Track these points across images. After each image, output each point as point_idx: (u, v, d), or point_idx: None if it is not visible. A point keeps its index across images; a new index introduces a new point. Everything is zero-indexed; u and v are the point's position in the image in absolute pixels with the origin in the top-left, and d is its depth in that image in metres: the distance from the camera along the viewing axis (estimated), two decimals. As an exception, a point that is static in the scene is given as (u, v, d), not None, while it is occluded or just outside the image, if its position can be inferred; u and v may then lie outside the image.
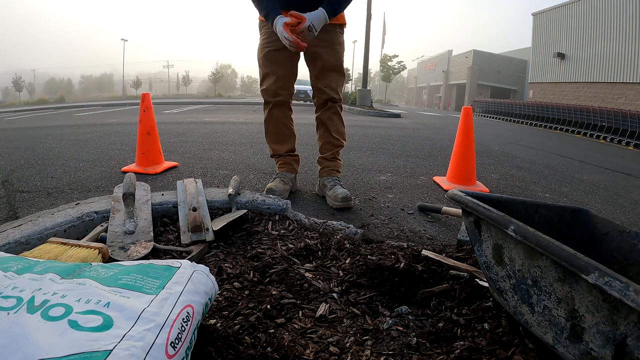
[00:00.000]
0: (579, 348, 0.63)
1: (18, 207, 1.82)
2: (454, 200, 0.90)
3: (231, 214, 1.36)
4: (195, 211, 1.29)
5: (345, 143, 2.10)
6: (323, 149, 2.07)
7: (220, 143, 3.94)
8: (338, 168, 2.09)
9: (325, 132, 2.03)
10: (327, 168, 2.06)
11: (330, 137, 2.03)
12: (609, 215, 2.31)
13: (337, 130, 2.03)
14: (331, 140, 2.04)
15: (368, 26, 13.53)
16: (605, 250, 0.94)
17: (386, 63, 33.95)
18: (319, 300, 0.91)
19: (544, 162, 4.33)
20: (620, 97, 14.15)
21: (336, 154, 2.07)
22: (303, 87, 16.28)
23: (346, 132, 2.10)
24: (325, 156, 2.06)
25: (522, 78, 28.61)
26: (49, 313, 0.53)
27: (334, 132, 2.02)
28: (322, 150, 2.08)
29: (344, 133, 2.07)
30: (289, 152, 2.06)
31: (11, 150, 3.35)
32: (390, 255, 1.16)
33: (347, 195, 1.89)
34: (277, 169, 2.08)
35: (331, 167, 2.06)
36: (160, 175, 2.55)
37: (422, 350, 0.76)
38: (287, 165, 2.06)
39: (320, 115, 2.01)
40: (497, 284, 0.83)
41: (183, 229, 1.23)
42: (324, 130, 2.04)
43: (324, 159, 2.08)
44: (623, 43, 14.11)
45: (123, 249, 1.08)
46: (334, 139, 2.03)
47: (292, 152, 2.08)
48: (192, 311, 0.62)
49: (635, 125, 9.43)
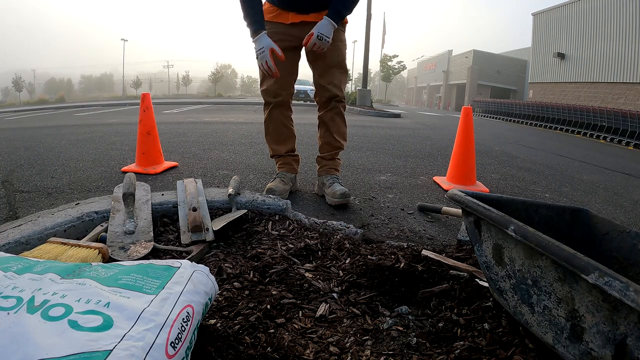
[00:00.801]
0: (579, 348, 0.63)
1: (18, 207, 1.82)
2: (454, 200, 0.90)
3: (231, 214, 1.36)
4: (195, 211, 1.28)
5: (345, 144, 2.09)
6: (322, 149, 2.07)
7: (220, 143, 3.94)
8: (337, 167, 2.09)
9: (326, 132, 2.02)
10: (325, 167, 2.06)
11: (330, 138, 2.02)
12: (609, 215, 2.31)
13: (338, 131, 2.02)
14: (331, 141, 2.03)
15: (368, 26, 13.53)
16: (605, 250, 0.94)
17: (386, 63, 33.94)
18: (319, 300, 0.91)
19: (544, 162, 4.33)
20: (620, 97, 14.15)
21: (335, 154, 2.06)
22: (303, 87, 16.28)
23: (347, 133, 2.10)
24: (324, 156, 2.06)
25: (522, 78, 28.61)
26: (49, 313, 0.53)
27: (335, 133, 2.01)
28: (322, 149, 2.08)
29: (345, 134, 2.06)
30: (288, 152, 2.06)
31: (11, 150, 3.35)
32: (390, 255, 1.16)
33: (345, 192, 1.89)
34: (277, 169, 2.08)
35: (330, 165, 2.06)
36: (160, 175, 2.55)
37: (422, 350, 0.76)
38: (287, 165, 2.06)
39: (322, 115, 2.00)
40: (497, 284, 0.83)
41: (183, 229, 1.22)
42: (325, 130, 2.03)
43: (322, 159, 2.08)
44: (623, 43, 14.11)
45: (123, 249, 1.08)
46: (335, 140, 2.02)
47: (292, 153, 2.08)
48: (192, 311, 0.62)
49: (635, 125, 9.43)
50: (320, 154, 2.08)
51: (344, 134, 2.06)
